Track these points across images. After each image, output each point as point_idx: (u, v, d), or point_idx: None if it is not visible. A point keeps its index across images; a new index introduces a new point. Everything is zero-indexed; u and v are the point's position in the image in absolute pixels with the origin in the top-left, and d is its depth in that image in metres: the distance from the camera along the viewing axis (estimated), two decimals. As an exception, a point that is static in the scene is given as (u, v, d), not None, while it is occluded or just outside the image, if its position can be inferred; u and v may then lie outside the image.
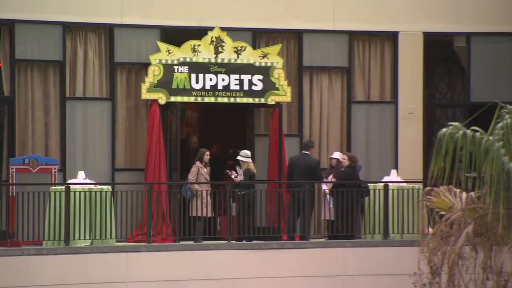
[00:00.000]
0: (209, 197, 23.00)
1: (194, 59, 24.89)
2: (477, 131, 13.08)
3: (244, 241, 22.89)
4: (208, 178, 23.62)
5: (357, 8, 26.82)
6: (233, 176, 23.62)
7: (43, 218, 21.50)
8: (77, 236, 21.41)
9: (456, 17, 26.57)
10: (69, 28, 24.30)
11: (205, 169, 23.24)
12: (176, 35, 25.26)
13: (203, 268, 21.77)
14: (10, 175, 23.18)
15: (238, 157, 23.39)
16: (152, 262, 21.76)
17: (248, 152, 23.49)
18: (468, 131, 12.98)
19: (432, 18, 26.10)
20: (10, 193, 22.54)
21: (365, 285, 22.46)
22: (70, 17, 24.09)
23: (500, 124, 12.98)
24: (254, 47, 25.61)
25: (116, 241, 22.24)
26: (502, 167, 12.09)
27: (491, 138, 12.73)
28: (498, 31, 27.35)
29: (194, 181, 23.06)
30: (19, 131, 24.34)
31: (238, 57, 25.13)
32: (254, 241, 23.09)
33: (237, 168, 23.81)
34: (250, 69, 25.35)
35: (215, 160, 25.44)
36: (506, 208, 11.89)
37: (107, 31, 25.00)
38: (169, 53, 24.57)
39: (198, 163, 23.21)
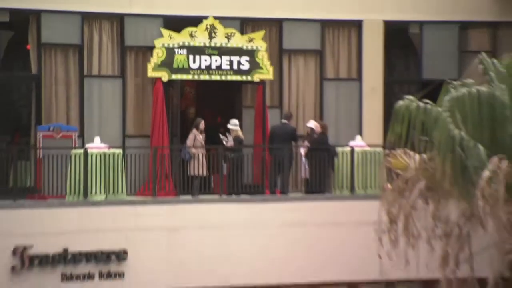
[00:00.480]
0: (204, 159, 23.42)
1: (192, 43, 25.04)
2: (428, 103, 14.03)
3: (233, 196, 23.25)
4: (203, 143, 23.94)
5: (328, 0, 27.01)
6: (224, 142, 24.00)
7: (65, 176, 21.91)
8: (94, 191, 21.81)
9: (411, 8, 26.85)
10: (87, 17, 24.53)
11: (200, 136, 23.64)
12: (176, 23, 25.32)
13: (199, 218, 22.05)
14: (38, 140, 23.56)
15: (228, 125, 23.84)
16: (157, 213, 22.05)
17: (236, 121, 23.94)
18: (421, 103, 13.87)
19: (391, 9, 26.53)
20: (38, 156, 23.04)
21: (335, 232, 22.57)
22: (88, 7, 24.31)
23: (447, 98, 13.61)
24: (242, 33, 25.85)
25: (127, 196, 22.53)
26: (449, 133, 12.63)
27: (439, 109, 13.48)
28: (445, 20, 27.70)
29: (191, 145, 23.46)
30: (45, 104, 24.67)
31: (228, 41, 25.22)
32: (242, 196, 23.37)
33: (227, 135, 24.11)
34: (238, 51, 25.44)
35: (210, 128, 25.65)
36: (451, 167, 12.44)
37: (118, 19, 25.18)
38: (171, 38, 24.76)
39: (194, 131, 23.63)
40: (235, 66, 25.39)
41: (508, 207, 12.13)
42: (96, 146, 22.82)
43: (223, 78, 25.55)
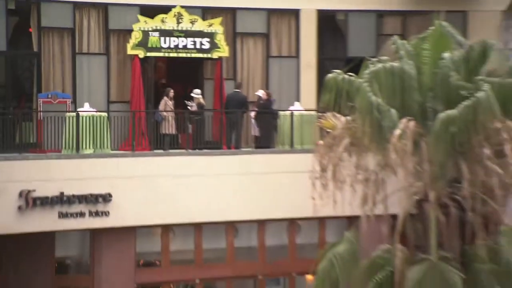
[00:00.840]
0: (173, 121, 23.65)
1: (163, 27, 24.90)
2: (352, 76, 14.60)
3: (197, 150, 23.55)
4: (172, 108, 24.08)
5: (272, -7, 26.87)
6: (189, 107, 24.37)
7: (61, 134, 21.91)
8: (84, 146, 21.89)
9: (338, -1, 26.73)
10: (78, 5, 24.39)
11: (170, 102, 23.89)
12: (150, 11, 25.25)
13: (169, 168, 22.43)
14: (39, 105, 23.56)
15: (192, 94, 24.25)
16: (135, 164, 22.40)
17: (199, 91, 24.19)
18: (346, 76, 14.46)
19: (323, 0, 26.45)
20: (39, 118, 22.99)
21: (278, 179, 22.68)
22: (78, -2, 23.46)
23: (366, 71, 13.94)
24: (203, 19, 25.73)
25: (111, 150, 22.67)
26: (368, 100, 12.96)
27: (361, 80, 13.81)
28: (366, 9, 27.87)
29: (163, 110, 23.65)
30: (44, 75, 24.70)
31: (192, 26, 25.19)
32: (203, 150, 23.64)
33: (192, 101, 24.51)
34: (200, 34, 25.36)
35: (178, 96, 25.82)
36: (370, 127, 12.96)
37: (104, 8, 25.08)
38: (146, 23, 24.64)
39: (165, 98, 23.87)
40: (198, 46, 25.24)
41: (414, 158, 12.29)
42: (86, 110, 22.98)
43: (188, 55, 25.43)
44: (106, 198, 21.29)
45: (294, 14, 28.07)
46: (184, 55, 25.38)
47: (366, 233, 14.25)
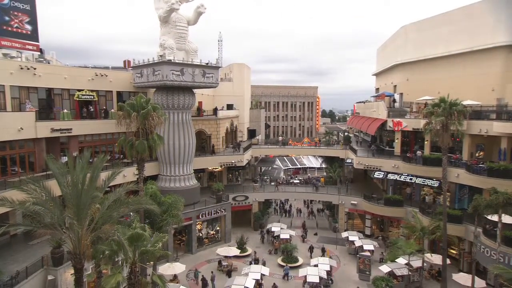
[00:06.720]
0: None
1: (83, 95, 41.51)
2: (123, 104, 34.64)
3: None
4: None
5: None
6: None
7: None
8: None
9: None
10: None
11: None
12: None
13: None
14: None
15: None
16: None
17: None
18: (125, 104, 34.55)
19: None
20: None
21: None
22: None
23: (127, 102, 35.96)
24: (92, 91, 41.88)
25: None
26: (126, 107, 34.29)
27: (125, 104, 34.91)
28: (110, 90, 44.88)
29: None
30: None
31: (85, 92, 41.84)
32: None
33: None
34: (89, 95, 42.19)
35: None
36: (127, 114, 34.14)
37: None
38: (79, 92, 39.71)
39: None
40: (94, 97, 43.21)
41: (135, 120, 35.14)
42: None
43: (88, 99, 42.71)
44: None
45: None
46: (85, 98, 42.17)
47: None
